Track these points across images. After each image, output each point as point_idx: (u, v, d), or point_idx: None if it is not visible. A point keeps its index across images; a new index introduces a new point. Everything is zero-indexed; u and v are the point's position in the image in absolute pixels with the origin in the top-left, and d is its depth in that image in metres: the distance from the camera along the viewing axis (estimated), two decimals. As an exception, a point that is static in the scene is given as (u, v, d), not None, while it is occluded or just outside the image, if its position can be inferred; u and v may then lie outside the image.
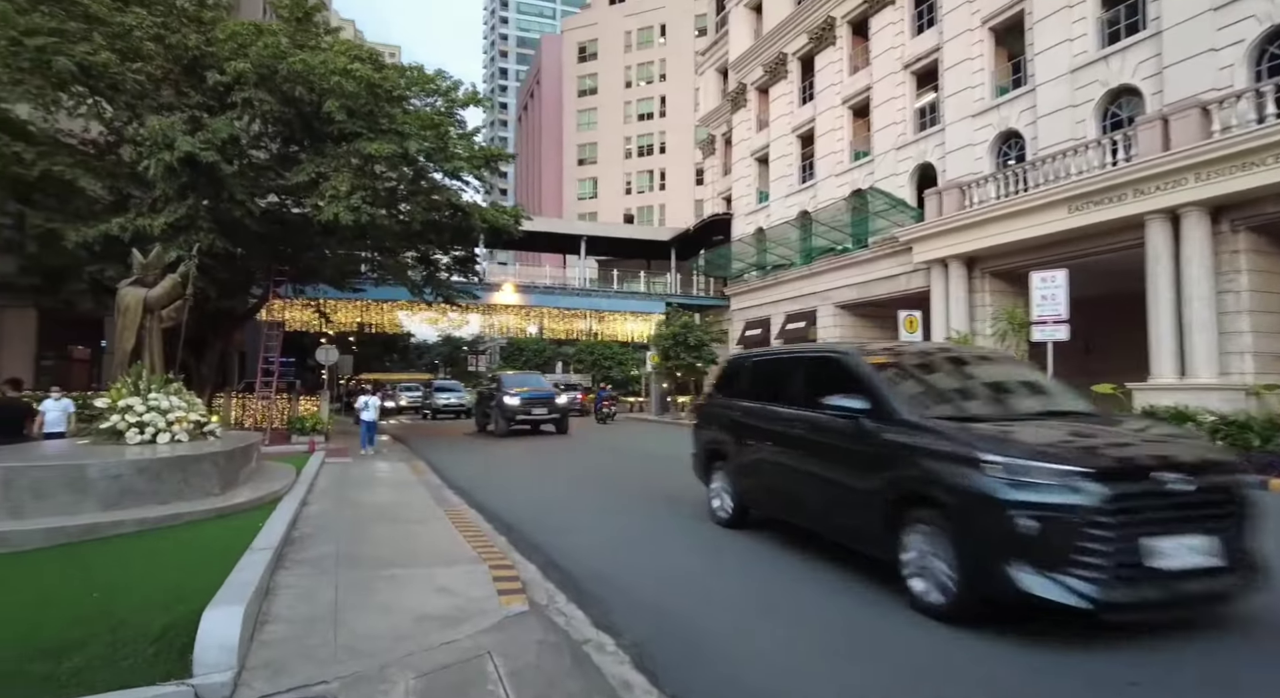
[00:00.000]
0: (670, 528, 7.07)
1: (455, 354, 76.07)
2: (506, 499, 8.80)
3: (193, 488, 6.42)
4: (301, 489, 8.03)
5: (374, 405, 16.04)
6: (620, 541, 6.53)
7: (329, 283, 21.10)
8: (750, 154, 30.99)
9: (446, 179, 18.89)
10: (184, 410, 7.86)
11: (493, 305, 32.52)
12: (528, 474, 11.94)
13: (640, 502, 8.37)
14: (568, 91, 69.86)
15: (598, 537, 6.66)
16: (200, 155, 13.88)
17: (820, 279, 25.70)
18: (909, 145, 22.31)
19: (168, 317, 8.42)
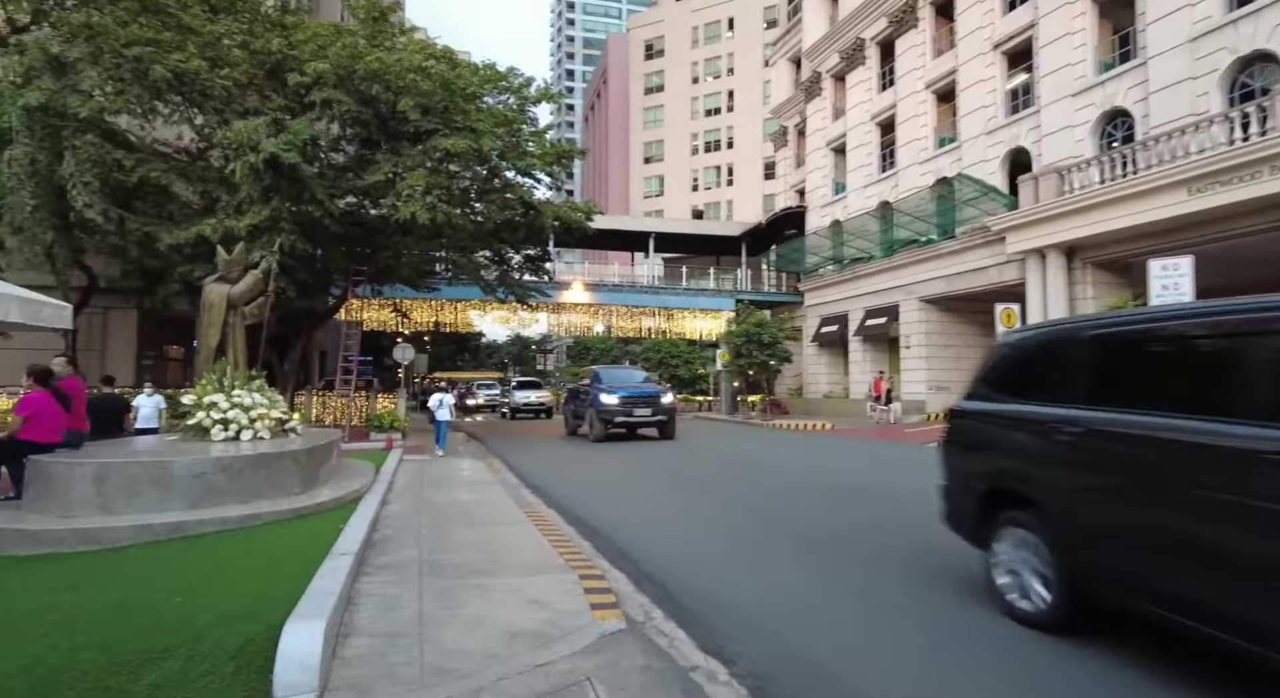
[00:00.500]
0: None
1: (524, 353, 77.18)
2: (587, 501, 8.46)
3: (274, 487, 6.29)
4: (381, 488, 7.88)
5: (448, 404, 15.12)
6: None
7: (405, 282, 21.39)
8: (826, 144, 29.96)
9: (519, 177, 18.84)
10: (266, 407, 7.82)
11: (562, 304, 32.53)
12: (606, 475, 11.61)
13: (755, 519, 7.83)
14: (634, 90, 69.74)
15: (690, 548, 6.21)
16: (283, 157, 14.13)
17: (903, 272, 24.54)
18: (999, 130, 20.98)
19: (250, 314, 8.43)
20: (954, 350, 24.15)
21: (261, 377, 8.53)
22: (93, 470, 5.56)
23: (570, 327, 39.48)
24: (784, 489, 9.40)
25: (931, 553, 5.54)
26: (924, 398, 23.56)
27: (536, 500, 8.66)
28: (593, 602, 4.38)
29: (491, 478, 10.37)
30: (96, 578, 4.41)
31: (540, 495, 9.00)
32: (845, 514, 7.48)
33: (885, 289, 25.48)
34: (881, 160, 26.89)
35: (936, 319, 24.05)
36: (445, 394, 15.50)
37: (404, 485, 9.09)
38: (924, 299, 23.89)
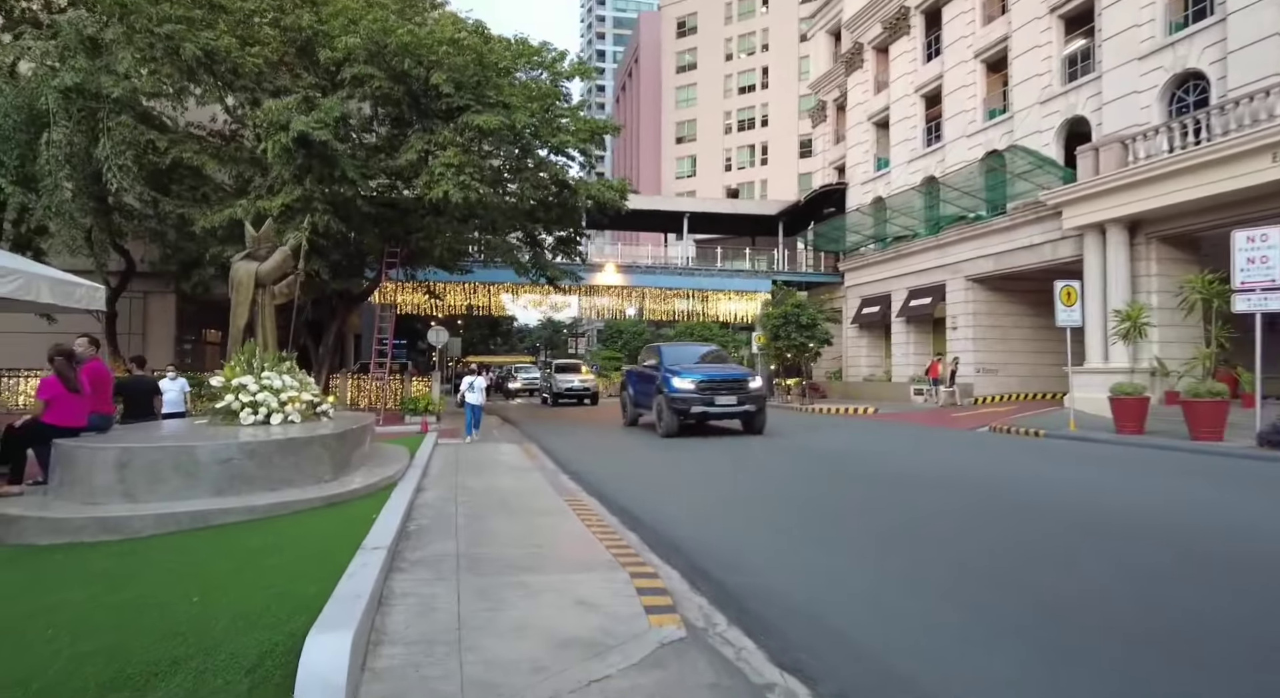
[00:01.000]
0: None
1: (555, 337, 77.18)
2: (629, 489, 8.04)
3: (304, 473, 5.97)
4: (415, 474, 7.55)
5: (480, 387, 14.29)
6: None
7: (438, 265, 21.13)
8: (867, 118, 28.90)
9: (552, 155, 18.36)
10: (296, 390, 7.52)
11: (594, 286, 32.12)
12: (644, 461, 11.18)
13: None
14: (666, 68, 68.60)
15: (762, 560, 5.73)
16: (313, 134, 13.85)
17: (949, 250, 23.59)
18: (1055, 98, 19.86)
19: (280, 292, 8.13)
20: (1001, 332, 23.20)
21: (292, 358, 8.24)
22: (115, 456, 5.28)
23: (601, 310, 39.11)
24: (837, 477, 8.88)
25: (1039, 561, 4.99)
26: (971, 381, 22.69)
27: (576, 488, 8.27)
28: (647, 604, 3.95)
29: (529, 464, 10.01)
30: (112, 573, 4.10)
31: (580, 483, 8.60)
32: (916, 504, 6.95)
33: (930, 268, 24.55)
34: (927, 134, 25.82)
35: (984, 299, 23.09)
36: (477, 377, 14.58)
37: (439, 471, 8.77)
38: (971, 278, 22.94)
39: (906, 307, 25.53)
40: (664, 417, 13.59)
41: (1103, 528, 5.84)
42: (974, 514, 6.43)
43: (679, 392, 13.42)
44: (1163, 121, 16.14)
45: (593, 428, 16.95)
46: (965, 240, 22.87)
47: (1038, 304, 23.22)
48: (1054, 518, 6.24)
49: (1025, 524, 6.04)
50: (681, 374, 13.66)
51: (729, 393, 13.49)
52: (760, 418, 14.00)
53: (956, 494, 7.46)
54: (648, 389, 14.94)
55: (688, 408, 13.34)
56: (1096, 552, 5.12)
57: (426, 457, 9.51)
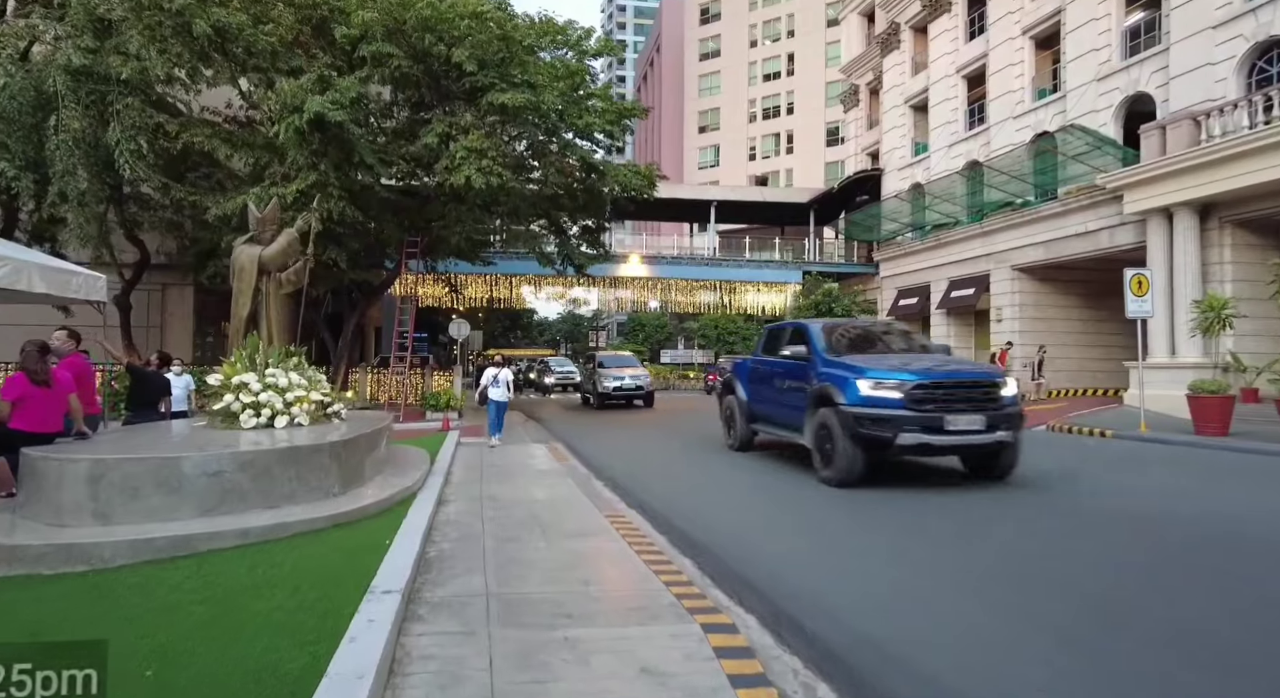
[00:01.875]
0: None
1: (575, 330, 76.51)
2: (673, 500, 7.15)
3: (307, 487, 5.16)
4: (436, 483, 6.75)
5: (505, 381, 12.03)
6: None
7: (459, 255, 20.39)
8: (904, 101, 27.65)
9: (578, 139, 17.45)
10: (305, 389, 6.73)
11: (617, 278, 31.23)
12: (678, 462, 10.28)
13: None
14: (689, 56, 67.27)
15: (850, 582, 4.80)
16: (329, 115, 13.09)
17: (994, 238, 22.39)
18: (1114, 75, 18.57)
19: (288, 280, 7.34)
20: (1049, 324, 21.98)
21: (301, 353, 7.45)
22: (86, 470, 4.50)
23: (622, 303, 38.25)
24: (906, 482, 7.92)
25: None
26: (1016, 376, 21.47)
27: (613, 497, 7.41)
28: (731, 672, 3.07)
29: (559, 467, 9.17)
30: (61, 621, 3.30)
31: (617, 491, 7.73)
32: (1007, 520, 6.00)
33: (973, 257, 23.35)
34: (969, 117, 24.55)
35: (1031, 290, 21.87)
36: (501, 370, 12.35)
37: (462, 478, 7.96)
38: (1018, 268, 21.72)
39: (947, 298, 24.36)
40: (840, 449, 7.34)
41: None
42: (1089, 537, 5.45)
43: (869, 404, 7.24)
44: (1242, 95, 14.87)
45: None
46: (1012, 228, 21.65)
47: (1088, 295, 21.99)
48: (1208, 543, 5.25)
49: (1189, 555, 5.05)
50: (872, 373, 7.46)
51: (970, 408, 7.25)
52: (1014, 453, 7.74)
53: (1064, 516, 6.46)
54: (784, 395, 8.99)
55: (889, 436, 7.12)
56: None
57: (448, 461, 8.71)
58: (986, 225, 22.64)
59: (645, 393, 21.31)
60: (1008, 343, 20.94)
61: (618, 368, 22.09)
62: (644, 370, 22.83)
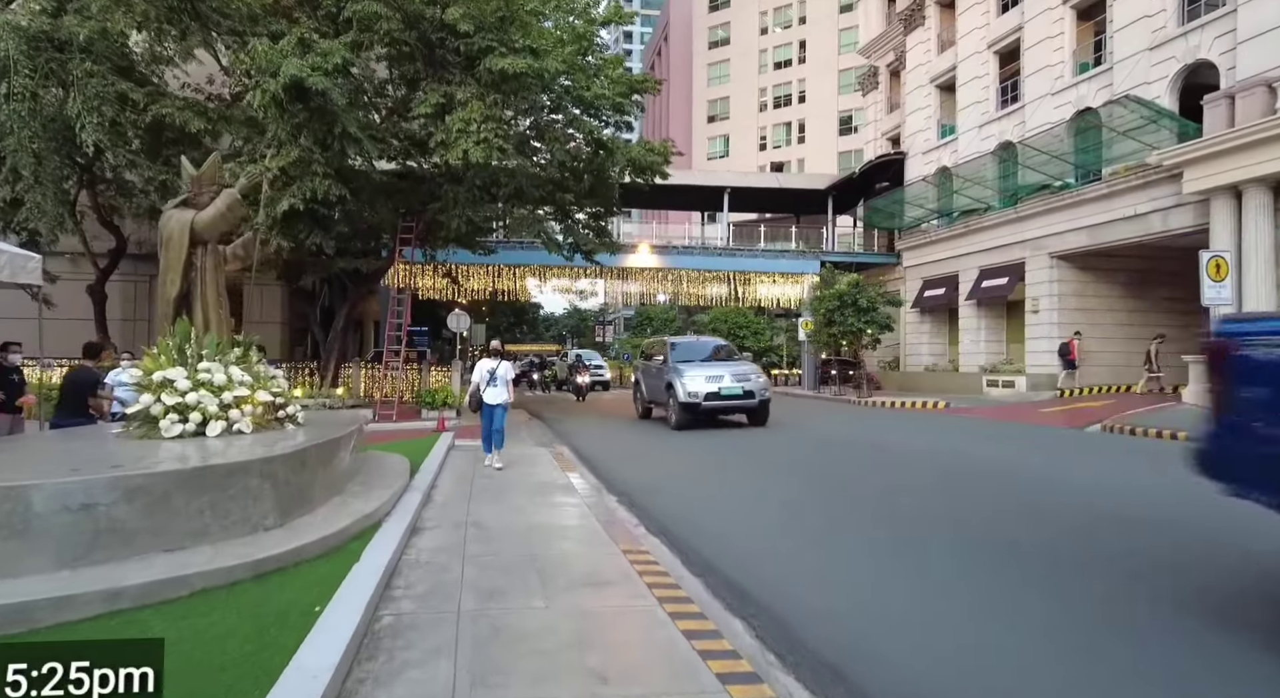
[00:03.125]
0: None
1: (581, 326, 75.24)
2: (709, 525, 5.82)
3: (227, 520, 3.84)
4: (412, 503, 5.43)
5: (504, 378, 8.78)
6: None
7: (458, 242, 19.04)
8: (929, 80, 26.13)
9: (585, 115, 16.06)
10: (250, 387, 5.40)
11: (625, 269, 29.81)
12: (708, 476, 8.93)
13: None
14: (698, 44, 65.66)
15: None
16: (308, 81, 11.74)
17: (1029, 224, 20.91)
18: (1169, 43, 17.03)
19: (234, 256, 6.01)
20: (1090, 315, 20.50)
21: (251, 344, 6.13)
22: (-110, 504, 3.18)
23: (628, 296, 36.87)
24: (983, 496, 6.56)
25: None
26: (1055, 371, 20.06)
27: (629, 518, 6.07)
28: None
29: (560, 477, 7.83)
30: None
31: (634, 511, 6.39)
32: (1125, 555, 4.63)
33: (1006, 244, 21.86)
34: (1001, 95, 23.03)
35: (1071, 279, 20.39)
36: (499, 363, 8.83)
37: (447, 494, 6.63)
38: (1057, 255, 20.24)
39: (978, 288, 22.89)
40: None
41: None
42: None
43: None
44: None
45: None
46: (1049, 212, 20.16)
47: (1131, 284, 20.53)
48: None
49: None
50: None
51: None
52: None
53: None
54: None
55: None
56: None
57: (434, 471, 7.38)
58: (1021, 210, 21.16)
59: (758, 404, 13.56)
60: (1076, 332, 19.44)
61: (714, 367, 13.89)
62: (753, 366, 14.83)
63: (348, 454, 5.71)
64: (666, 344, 15.60)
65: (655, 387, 14.98)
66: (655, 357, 15.97)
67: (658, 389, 14.66)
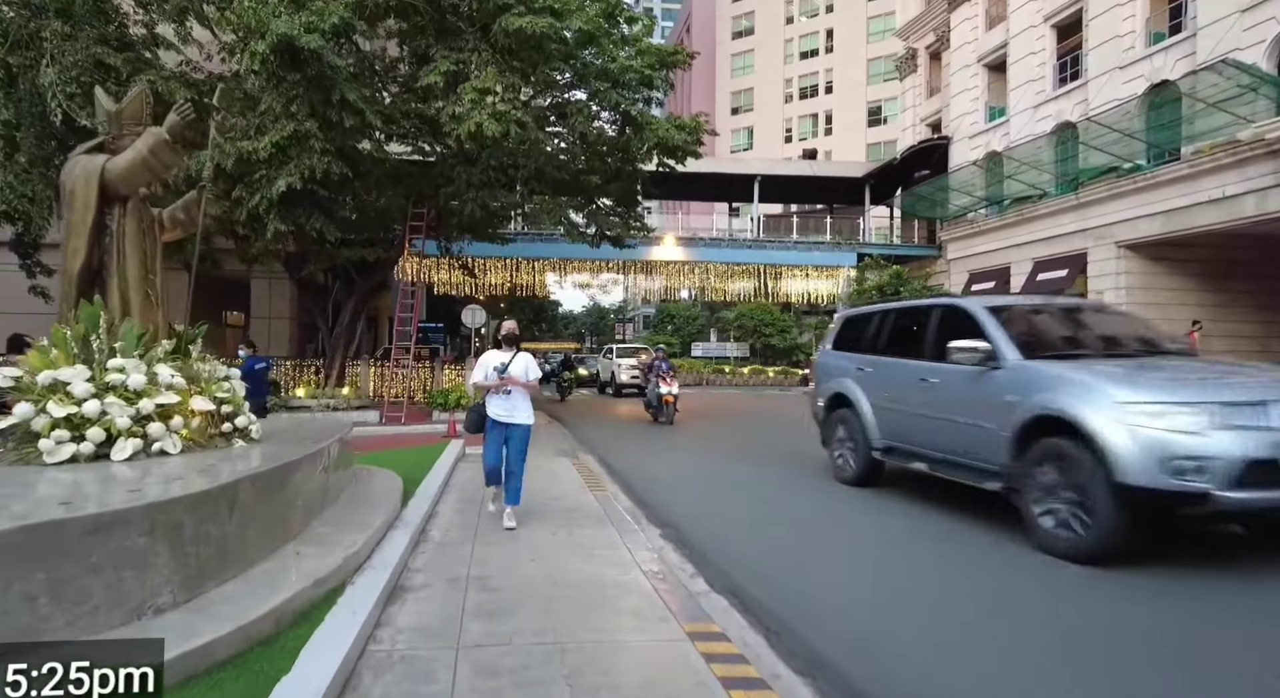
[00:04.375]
0: None
1: (600, 323, 73.97)
2: (777, 568, 4.36)
3: (85, 605, 2.44)
4: (396, 551, 4.03)
5: (527, 373, 5.55)
6: None
7: (471, 230, 17.69)
8: (977, 60, 24.37)
9: (611, 88, 14.60)
10: (184, 392, 4.02)
11: (650, 262, 28.34)
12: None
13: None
14: (721, 35, 63.99)
15: None
16: (300, 41, 10.42)
17: (1093, 211, 19.15)
18: (1267, 1, 15.23)
19: (173, 219, 4.63)
20: (1161, 310, 18.65)
21: (199, 334, 4.77)
22: None
23: (648, 293, 35.50)
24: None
25: None
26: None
27: (681, 563, 4.59)
28: None
29: (589, 499, 6.40)
30: None
31: (687, 552, 4.91)
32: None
33: (1065, 233, 20.11)
34: (1059, 72, 21.25)
35: (1140, 270, 18.61)
36: (513, 356, 5.55)
37: (447, 527, 5.21)
38: (1125, 244, 18.47)
39: (1032, 282, 21.12)
40: None
41: None
42: None
43: None
44: None
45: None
46: (1117, 197, 18.39)
47: (1208, 276, 18.71)
48: None
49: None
50: None
51: None
52: None
53: None
54: None
55: None
56: None
57: (434, 495, 5.96)
58: (1083, 196, 19.39)
59: None
60: (1195, 323, 17.49)
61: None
62: None
63: (316, 479, 4.31)
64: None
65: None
66: None
67: None
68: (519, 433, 5.39)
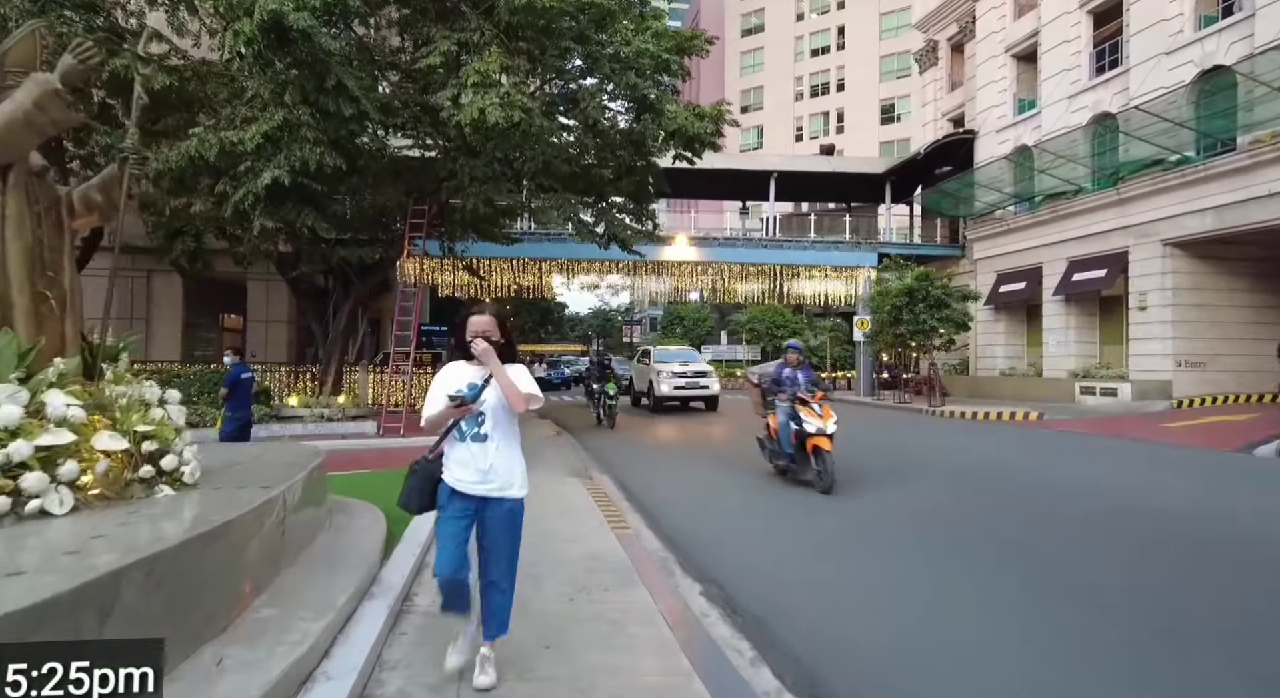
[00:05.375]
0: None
1: (607, 326, 72.93)
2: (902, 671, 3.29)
3: None
4: (363, 646, 2.96)
5: (521, 385, 2.93)
6: None
7: (475, 228, 16.69)
8: (1005, 50, 23.24)
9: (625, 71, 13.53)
10: (85, 428, 2.99)
11: (660, 263, 27.21)
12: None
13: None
14: (729, 33, 62.88)
15: None
16: (289, 18, 9.43)
17: (1135, 206, 18.01)
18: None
19: (87, 201, 3.59)
20: (1210, 312, 17.58)
21: (122, 348, 3.75)
22: None
23: (655, 295, 34.43)
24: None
25: None
26: (1168, 377, 17.16)
27: (750, 665, 3.50)
28: None
29: (612, 547, 5.33)
30: None
31: (754, 643, 3.84)
32: None
33: (1104, 231, 18.95)
34: (1095, 60, 20.11)
35: (1188, 270, 17.45)
36: (518, 368, 3.09)
37: (436, 595, 4.14)
38: (1170, 242, 17.32)
39: (1067, 282, 19.98)
40: None
41: None
42: None
43: None
44: None
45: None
46: (1162, 192, 17.25)
47: (1263, 276, 17.57)
48: None
49: None
50: None
51: None
52: None
53: None
54: None
55: None
56: None
57: (424, 541, 4.90)
58: (1124, 190, 18.24)
59: None
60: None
61: None
62: None
63: (263, 537, 3.26)
64: None
65: None
66: None
67: None
68: (503, 517, 2.92)
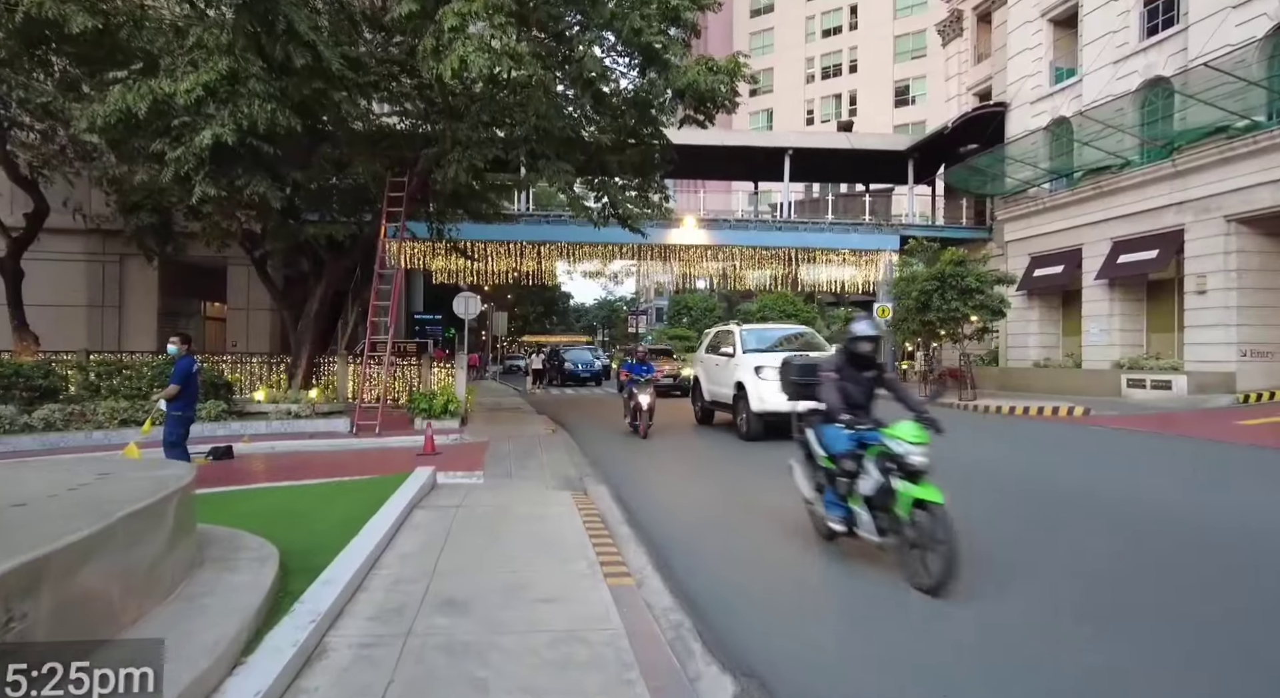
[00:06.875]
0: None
1: (612, 316, 71.39)
2: None
3: None
4: None
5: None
6: None
7: (460, 203, 15.05)
8: (1040, 15, 21.43)
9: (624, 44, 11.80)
10: None
11: (668, 246, 25.59)
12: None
13: None
14: (739, 13, 60.88)
15: None
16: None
17: (1193, 179, 16.28)
18: None
19: None
20: (1279, 296, 15.89)
21: None
22: None
23: (661, 286, 32.82)
24: None
25: None
26: (1231, 368, 15.49)
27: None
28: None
29: (610, 621, 3.76)
30: None
31: None
32: None
33: (1156, 208, 17.22)
34: (1145, 20, 18.29)
35: (1256, 248, 15.72)
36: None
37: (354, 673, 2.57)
38: (1236, 218, 15.59)
39: (1111, 265, 18.27)
40: None
41: None
42: None
43: None
44: None
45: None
46: (1228, 162, 15.51)
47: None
48: None
49: None
50: None
51: None
52: None
53: None
54: None
55: None
56: None
57: (326, 610, 3.32)
58: (1180, 162, 16.50)
59: None
60: None
61: None
62: None
63: None
64: None
65: None
66: None
67: None
68: None
